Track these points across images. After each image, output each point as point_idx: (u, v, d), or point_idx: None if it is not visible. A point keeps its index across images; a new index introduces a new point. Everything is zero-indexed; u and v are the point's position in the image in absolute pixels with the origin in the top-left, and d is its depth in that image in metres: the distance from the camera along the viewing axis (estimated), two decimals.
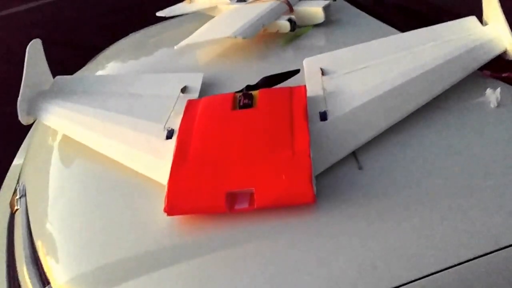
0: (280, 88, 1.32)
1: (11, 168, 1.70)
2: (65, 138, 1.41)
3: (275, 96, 1.24)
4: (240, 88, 1.37)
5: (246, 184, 1.01)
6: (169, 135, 1.21)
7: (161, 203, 1.02)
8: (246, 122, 1.16)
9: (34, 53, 1.51)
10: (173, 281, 0.95)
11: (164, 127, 1.23)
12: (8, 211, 1.43)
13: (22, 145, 1.82)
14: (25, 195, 1.38)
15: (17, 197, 1.40)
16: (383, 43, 1.39)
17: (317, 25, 1.72)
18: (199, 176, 1.05)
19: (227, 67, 1.59)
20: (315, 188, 0.98)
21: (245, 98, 1.23)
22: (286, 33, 1.68)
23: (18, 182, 1.49)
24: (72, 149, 1.37)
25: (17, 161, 1.72)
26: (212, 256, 0.97)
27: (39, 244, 1.18)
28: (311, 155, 1.03)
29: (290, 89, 1.25)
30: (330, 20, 1.72)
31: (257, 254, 0.95)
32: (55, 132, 1.48)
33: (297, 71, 1.41)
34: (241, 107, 1.21)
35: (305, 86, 1.25)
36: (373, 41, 1.40)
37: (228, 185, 1.01)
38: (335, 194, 1.01)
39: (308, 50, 1.58)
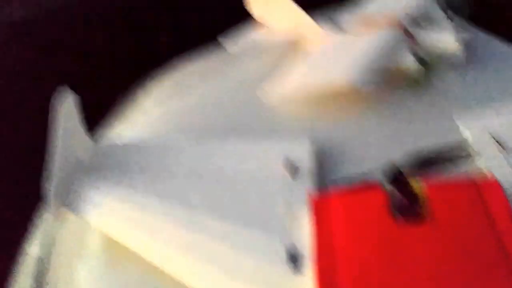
0: (459, 182, 0.85)
1: (24, 257, 1.21)
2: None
3: (457, 199, 0.79)
4: (373, 165, 0.94)
5: None
6: (293, 259, 0.77)
7: None
8: (422, 247, 0.72)
9: (68, 118, 1.05)
10: None
11: (282, 243, 0.79)
12: None
13: (37, 225, 1.29)
14: None
15: None
16: None
17: (451, 64, 1.26)
18: None
19: (339, 128, 1.14)
20: None
21: (405, 197, 0.79)
22: (410, 75, 1.23)
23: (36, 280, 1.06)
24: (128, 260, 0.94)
25: (31, 249, 1.23)
26: None
27: None
28: None
29: (476, 186, 0.80)
30: (470, 57, 1.26)
31: None
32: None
33: (467, 154, 0.93)
34: (403, 214, 0.77)
35: (497, 182, 0.80)
36: None
37: None
38: None
39: (449, 101, 1.15)
